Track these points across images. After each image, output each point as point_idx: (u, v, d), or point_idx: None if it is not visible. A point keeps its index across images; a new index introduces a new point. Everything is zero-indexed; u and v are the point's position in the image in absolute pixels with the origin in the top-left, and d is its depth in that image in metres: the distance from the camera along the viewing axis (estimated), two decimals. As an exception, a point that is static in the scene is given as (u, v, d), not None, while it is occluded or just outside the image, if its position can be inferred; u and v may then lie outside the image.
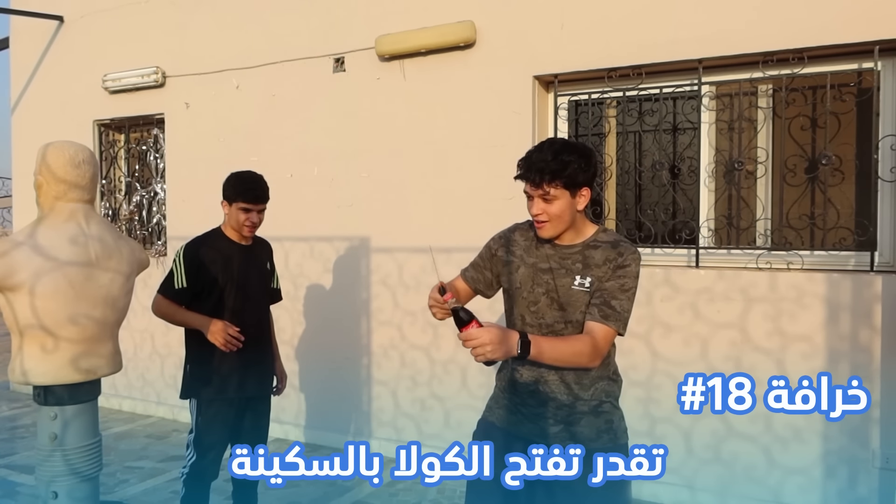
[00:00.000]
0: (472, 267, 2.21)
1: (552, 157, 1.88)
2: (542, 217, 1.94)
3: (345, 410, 4.75)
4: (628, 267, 1.93)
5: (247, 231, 3.01)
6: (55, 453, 2.24)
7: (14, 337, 2.23)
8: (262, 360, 3.13)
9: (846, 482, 3.40)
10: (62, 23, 6.03)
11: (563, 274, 1.97)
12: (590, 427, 2.00)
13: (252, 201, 2.96)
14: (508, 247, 2.13)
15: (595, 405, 2.00)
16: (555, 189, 1.89)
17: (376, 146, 4.56)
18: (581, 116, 4.20)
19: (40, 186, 2.26)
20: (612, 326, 1.89)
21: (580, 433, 1.99)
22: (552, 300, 1.98)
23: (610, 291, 1.91)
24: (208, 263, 2.96)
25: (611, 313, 1.90)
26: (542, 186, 1.89)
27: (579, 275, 1.96)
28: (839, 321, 3.38)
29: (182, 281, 2.93)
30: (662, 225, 3.91)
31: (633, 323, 3.76)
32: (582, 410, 1.99)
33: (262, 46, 4.97)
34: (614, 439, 2.02)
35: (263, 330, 3.16)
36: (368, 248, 4.64)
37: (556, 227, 1.96)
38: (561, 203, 1.91)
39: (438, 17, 4.28)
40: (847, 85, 3.55)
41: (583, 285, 1.95)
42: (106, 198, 6.04)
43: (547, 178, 1.88)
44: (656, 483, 3.78)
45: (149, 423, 5.45)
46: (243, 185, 2.97)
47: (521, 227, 2.16)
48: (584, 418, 1.99)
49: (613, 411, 2.04)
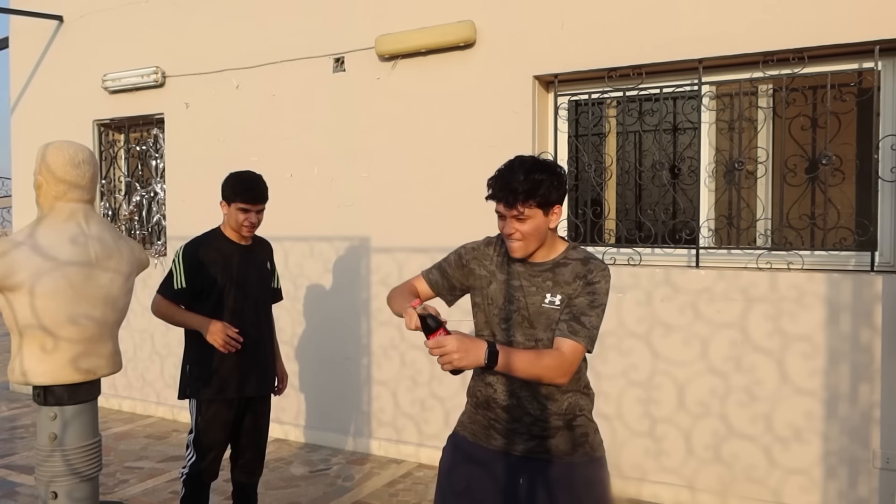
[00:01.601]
0: (438, 270, 2.18)
1: (524, 177, 1.87)
2: (516, 237, 1.92)
3: (345, 410, 4.74)
4: (598, 283, 1.93)
5: (245, 231, 3.00)
6: (55, 453, 2.23)
7: (14, 337, 2.23)
8: (262, 360, 3.11)
9: (846, 482, 3.40)
10: (62, 22, 6.03)
11: (534, 292, 1.97)
12: (565, 441, 1.98)
13: (250, 201, 2.95)
14: (481, 260, 2.10)
15: (569, 419, 1.98)
16: (528, 209, 1.88)
17: (376, 146, 4.56)
18: (581, 116, 4.20)
19: (40, 186, 2.25)
20: (580, 342, 1.87)
21: (555, 446, 1.97)
22: (523, 318, 1.97)
23: (579, 307, 1.91)
24: (208, 264, 2.95)
25: (579, 329, 1.88)
26: (515, 207, 1.87)
27: (549, 292, 1.95)
28: (839, 321, 3.38)
29: (181, 281, 2.92)
30: (662, 225, 3.91)
31: (634, 323, 3.80)
32: (556, 425, 1.97)
33: (262, 46, 4.97)
34: (590, 452, 2.00)
35: (263, 330, 3.14)
36: (368, 248, 4.64)
37: (528, 247, 1.95)
38: (534, 222, 1.90)
39: (438, 17, 4.28)
40: (847, 85, 3.55)
41: (552, 303, 1.94)
42: (106, 198, 6.04)
43: (521, 199, 1.86)
44: (657, 483, 3.78)
45: (148, 423, 5.45)
46: (242, 185, 2.96)
47: (493, 242, 2.14)
48: (559, 432, 1.98)
49: (588, 424, 2.02)
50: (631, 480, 3.84)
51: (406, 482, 4.12)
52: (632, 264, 3.87)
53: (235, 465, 3.13)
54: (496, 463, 2.02)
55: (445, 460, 2.14)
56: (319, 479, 4.20)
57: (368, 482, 4.12)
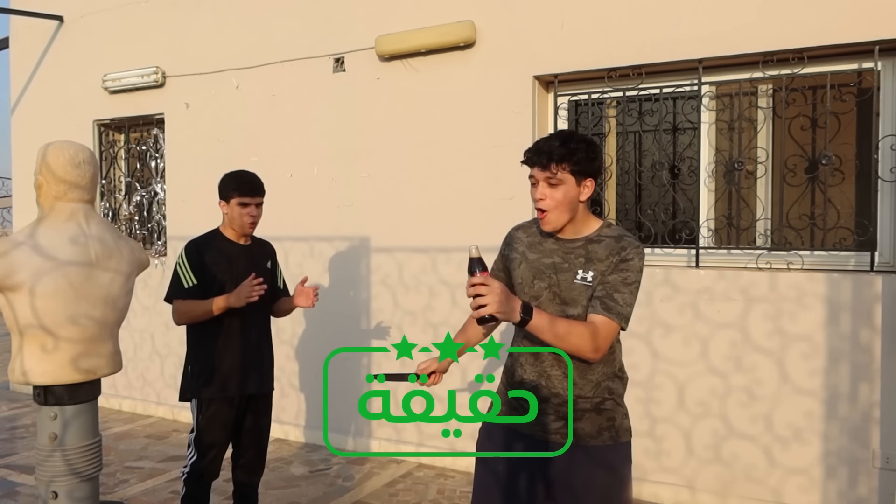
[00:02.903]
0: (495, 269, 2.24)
1: (560, 143, 1.90)
2: (546, 203, 1.93)
3: (345, 410, 4.75)
4: (631, 261, 1.93)
5: (248, 226, 3.01)
6: (55, 453, 2.23)
7: (14, 337, 2.23)
8: (262, 359, 3.12)
9: (846, 482, 3.40)
10: (62, 23, 6.03)
11: (566, 268, 1.97)
12: (591, 424, 1.99)
13: (248, 194, 2.97)
14: (511, 243, 2.15)
15: (598, 402, 1.99)
16: (562, 172, 1.89)
17: (376, 146, 4.56)
18: (581, 116, 4.20)
19: (40, 186, 2.26)
20: (613, 319, 1.88)
21: (581, 429, 1.98)
22: (554, 294, 1.98)
23: (613, 285, 1.91)
24: (210, 264, 2.97)
25: (613, 306, 1.89)
26: (549, 168, 1.89)
27: (581, 269, 1.95)
28: (839, 321, 3.38)
29: (191, 279, 2.93)
30: (662, 225, 3.91)
31: (634, 323, 3.79)
32: (584, 407, 1.98)
33: (262, 46, 4.97)
34: (615, 437, 2.00)
35: (264, 331, 3.16)
36: (368, 248, 4.64)
37: (559, 216, 1.94)
38: (565, 189, 1.91)
39: (438, 17, 4.28)
40: (847, 85, 3.55)
41: (584, 279, 1.94)
42: (106, 198, 6.04)
43: (556, 160, 1.88)
44: (657, 483, 3.78)
45: (148, 423, 5.45)
46: (237, 180, 3.00)
47: (523, 225, 2.17)
48: (586, 415, 1.99)
49: (616, 409, 2.03)
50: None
51: (406, 482, 4.12)
52: (632, 264, 3.86)
53: (236, 465, 3.14)
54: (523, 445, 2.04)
55: (480, 445, 2.17)
56: (319, 479, 4.21)
57: (368, 482, 4.13)
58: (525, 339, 2.05)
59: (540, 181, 1.93)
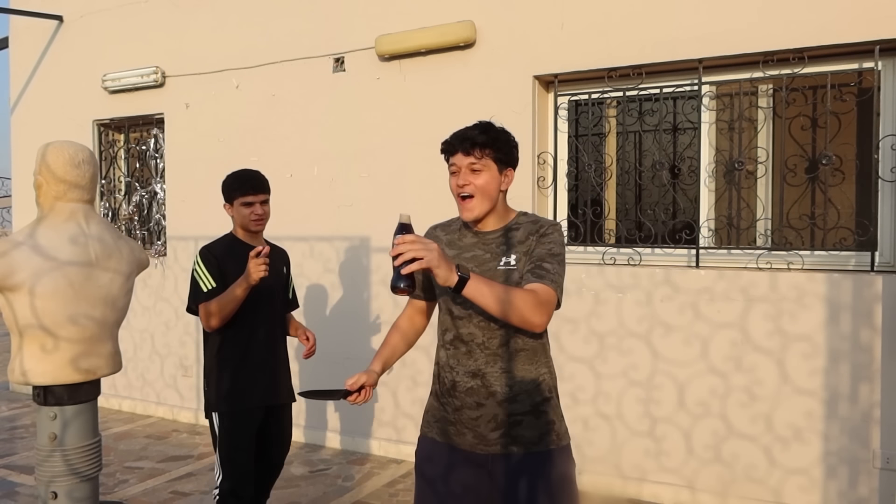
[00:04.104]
0: None
1: (481, 132, 1.93)
2: (469, 188, 1.91)
3: (345, 410, 4.74)
4: (551, 234, 1.94)
5: (255, 225, 2.91)
6: (55, 453, 2.23)
7: (14, 337, 2.23)
8: (279, 368, 3.00)
9: (846, 482, 3.40)
10: (62, 23, 6.03)
11: (488, 259, 1.95)
12: (531, 429, 1.93)
13: (251, 192, 2.88)
14: None
15: (537, 403, 1.94)
16: (485, 158, 1.91)
17: (376, 146, 4.56)
18: (581, 116, 4.20)
19: (40, 186, 2.26)
20: (549, 286, 1.84)
21: (522, 436, 1.92)
22: None
23: (539, 257, 1.89)
24: (226, 265, 2.86)
25: (545, 274, 1.85)
26: (473, 153, 1.91)
27: (504, 256, 1.94)
28: (839, 321, 3.38)
29: (209, 282, 2.83)
30: (662, 225, 3.91)
31: (634, 323, 3.80)
32: (523, 410, 1.92)
33: (262, 46, 4.97)
34: (557, 441, 1.95)
35: (279, 337, 3.04)
36: (368, 248, 4.64)
37: (482, 203, 1.92)
38: (487, 176, 1.92)
39: (438, 17, 4.28)
40: (847, 85, 3.55)
41: (508, 264, 1.93)
42: (106, 198, 6.04)
43: (479, 145, 1.91)
44: (657, 483, 3.78)
45: (148, 423, 5.45)
46: (239, 179, 2.92)
47: (441, 224, 2.17)
48: (526, 419, 1.93)
49: (553, 411, 1.97)
50: (631, 480, 3.84)
51: (406, 482, 4.12)
52: (632, 264, 3.87)
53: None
54: (466, 464, 1.96)
55: (418, 465, 2.08)
56: (319, 479, 4.20)
57: (368, 482, 4.12)
58: (455, 341, 1.97)
59: (462, 168, 1.93)
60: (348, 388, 1.99)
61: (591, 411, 3.92)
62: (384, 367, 2.14)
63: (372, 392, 2.06)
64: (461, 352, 1.95)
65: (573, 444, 2.03)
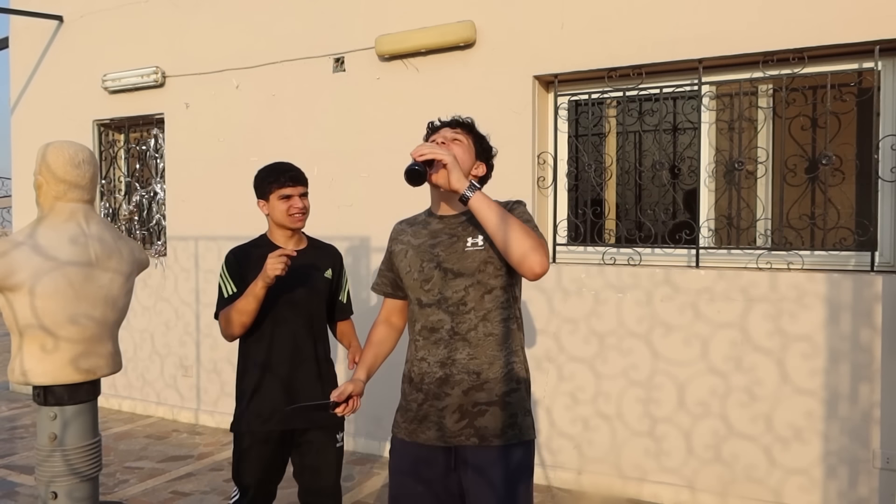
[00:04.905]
0: (378, 275, 2.23)
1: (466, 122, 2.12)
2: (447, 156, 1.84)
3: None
4: (517, 209, 1.98)
5: (296, 221, 2.61)
6: (55, 453, 2.23)
7: (14, 337, 2.23)
8: (307, 385, 2.62)
9: (846, 482, 3.40)
10: (62, 23, 6.03)
11: (455, 241, 1.97)
12: (494, 421, 1.91)
13: (290, 183, 2.59)
14: (396, 237, 2.16)
15: (503, 392, 1.93)
16: (465, 136, 2.05)
17: (376, 146, 4.56)
18: (581, 116, 4.20)
19: (40, 186, 2.26)
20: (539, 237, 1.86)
21: (484, 428, 1.91)
22: (445, 271, 1.94)
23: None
24: (252, 270, 2.51)
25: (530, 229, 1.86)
26: (457, 129, 2.05)
27: (470, 236, 1.96)
28: (839, 321, 3.38)
29: (231, 287, 2.58)
30: (662, 225, 3.91)
31: (634, 323, 3.80)
32: (487, 400, 1.92)
33: (262, 46, 4.97)
34: (519, 435, 1.93)
35: (317, 350, 2.67)
36: (368, 248, 4.64)
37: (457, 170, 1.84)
38: (464, 149, 2.02)
39: (438, 17, 4.28)
40: (847, 85, 3.55)
41: (476, 244, 1.94)
42: (106, 198, 6.04)
43: (464, 127, 2.08)
44: (657, 483, 3.78)
45: (148, 423, 5.45)
46: (275, 171, 2.62)
47: (407, 219, 2.22)
48: (490, 409, 1.91)
49: (519, 404, 1.96)
50: (631, 480, 3.84)
51: (406, 482, 4.12)
52: (632, 264, 3.87)
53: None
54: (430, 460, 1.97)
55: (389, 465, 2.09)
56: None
57: (368, 482, 4.12)
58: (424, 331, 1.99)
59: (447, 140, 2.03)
60: (335, 400, 2.00)
61: (591, 411, 3.92)
62: (369, 374, 2.17)
63: (359, 401, 2.09)
64: (430, 341, 1.98)
65: (573, 445, 2.03)
